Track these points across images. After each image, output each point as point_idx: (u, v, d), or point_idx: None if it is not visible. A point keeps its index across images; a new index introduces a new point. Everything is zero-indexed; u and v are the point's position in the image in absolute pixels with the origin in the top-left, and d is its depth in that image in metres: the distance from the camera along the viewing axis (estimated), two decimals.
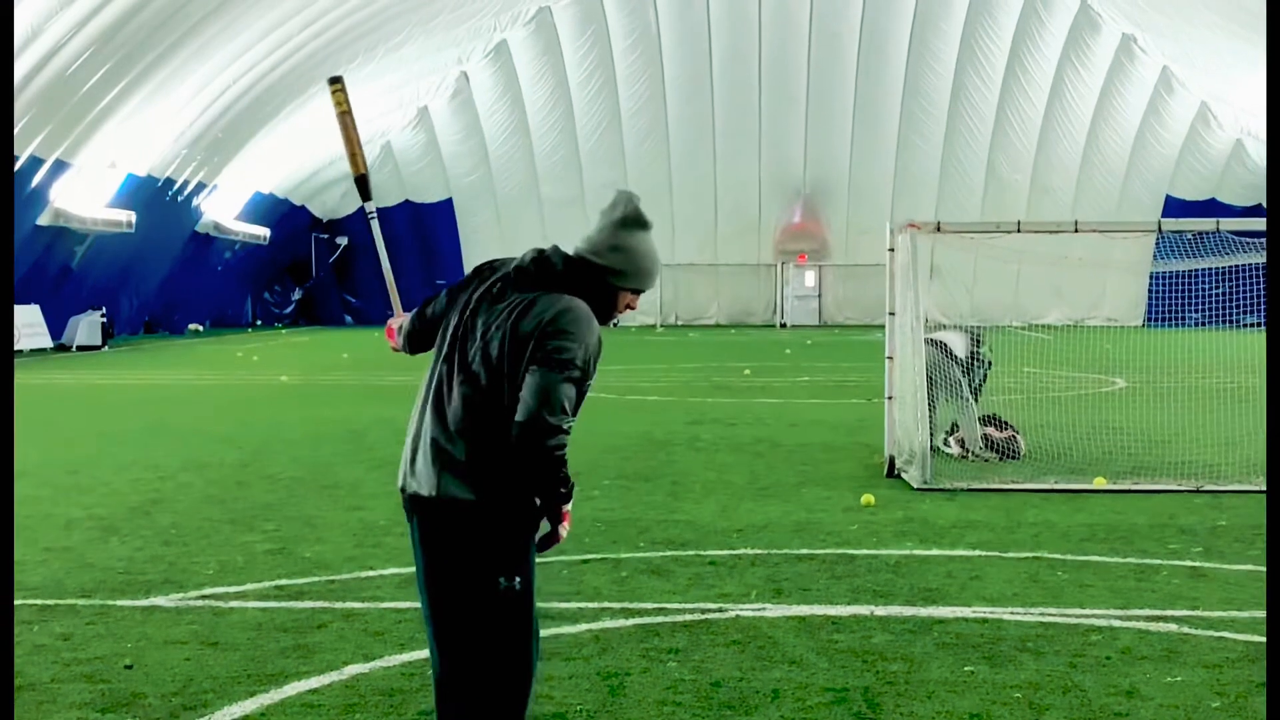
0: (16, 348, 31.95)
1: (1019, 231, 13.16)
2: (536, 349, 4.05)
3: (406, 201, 53.06)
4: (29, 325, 34.11)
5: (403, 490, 4.27)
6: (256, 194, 48.09)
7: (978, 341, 14.37)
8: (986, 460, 13.45)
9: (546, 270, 4.22)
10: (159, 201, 40.38)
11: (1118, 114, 49.84)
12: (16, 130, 29.62)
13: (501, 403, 4.10)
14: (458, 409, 4.15)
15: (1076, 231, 13.09)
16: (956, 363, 13.83)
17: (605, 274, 4.23)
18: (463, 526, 4.14)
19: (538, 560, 4.29)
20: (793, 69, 50.00)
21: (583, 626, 6.98)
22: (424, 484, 4.17)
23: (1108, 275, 46.49)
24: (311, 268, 55.46)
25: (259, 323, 53.64)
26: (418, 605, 4.51)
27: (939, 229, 12.99)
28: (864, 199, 51.44)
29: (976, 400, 13.94)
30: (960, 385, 13.67)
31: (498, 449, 4.09)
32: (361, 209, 4.54)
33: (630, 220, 4.25)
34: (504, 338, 4.10)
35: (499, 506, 4.12)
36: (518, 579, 4.14)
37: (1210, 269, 22.98)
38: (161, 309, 46.52)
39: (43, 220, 34.72)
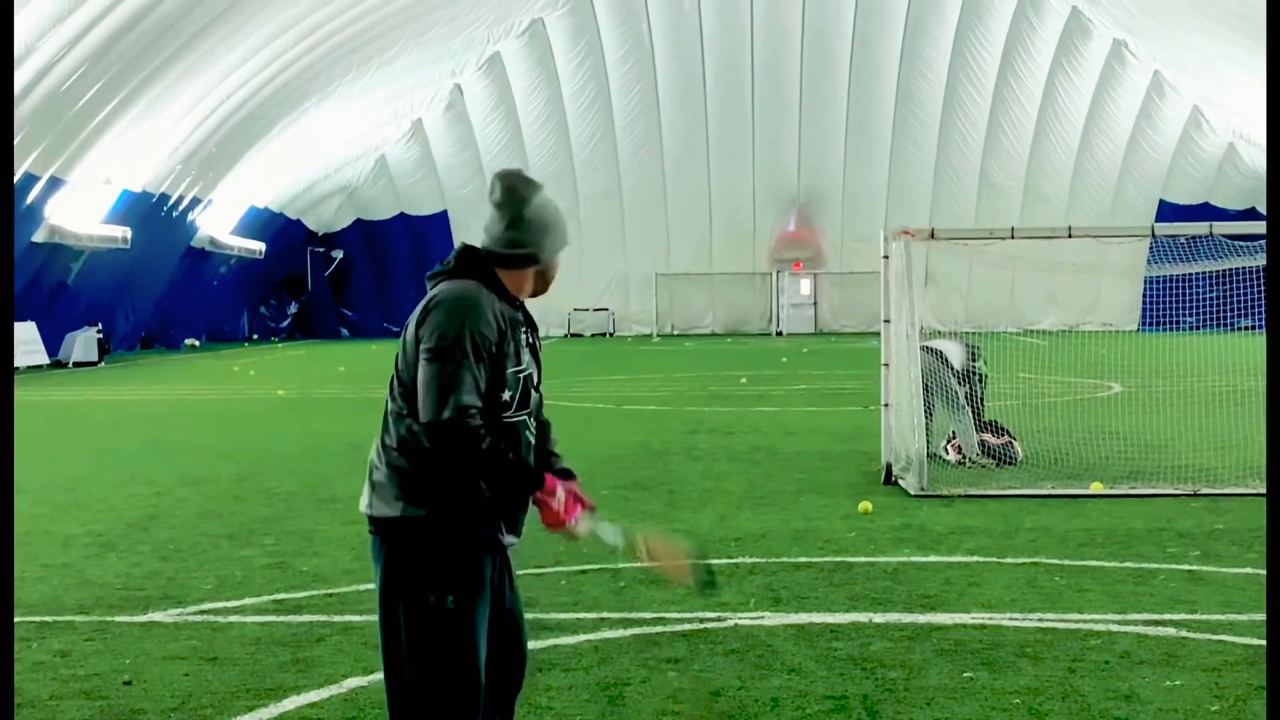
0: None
1: (1013, 237, 13.20)
2: (417, 345, 3.96)
3: (401, 214, 53.09)
4: (25, 342, 34.07)
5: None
6: (251, 208, 48.09)
7: (974, 355, 14.39)
8: (984, 467, 13.46)
9: (444, 269, 4.13)
10: (154, 217, 40.36)
11: (1110, 119, 49.94)
12: None
13: (414, 413, 3.99)
14: (383, 425, 4.08)
15: (1070, 237, 13.11)
16: (953, 372, 13.84)
17: (494, 261, 4.12)
18: (391, 543, 4.02)
19: (540, 572, 4.25)
20: (786, 77, 50.08)
21: (582, 637, 6.98)
22: (363, 501, 4.10)
23: (1102, 280, 46.53)
24: (307, 281, 55.44)
25: (255, 337, 53.60)
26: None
27: (933, 235, 13.02)
28: (858, 206, 51.50)
29: (977, 414, 13.94)
30: (956, 394, 13.68)
31: (418, 462, 3.98)
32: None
33: (504, 203, 4.13)
34: (404, 345, 4.03)
35: (424, 521, 3.97)
36: (450, 597, 3.95)
37: (1204, 273, 23.04)
38: (158, 324, 46.49)
39: (38, 237, 34.70)
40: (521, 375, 4.06)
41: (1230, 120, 47.42)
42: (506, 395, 4.01)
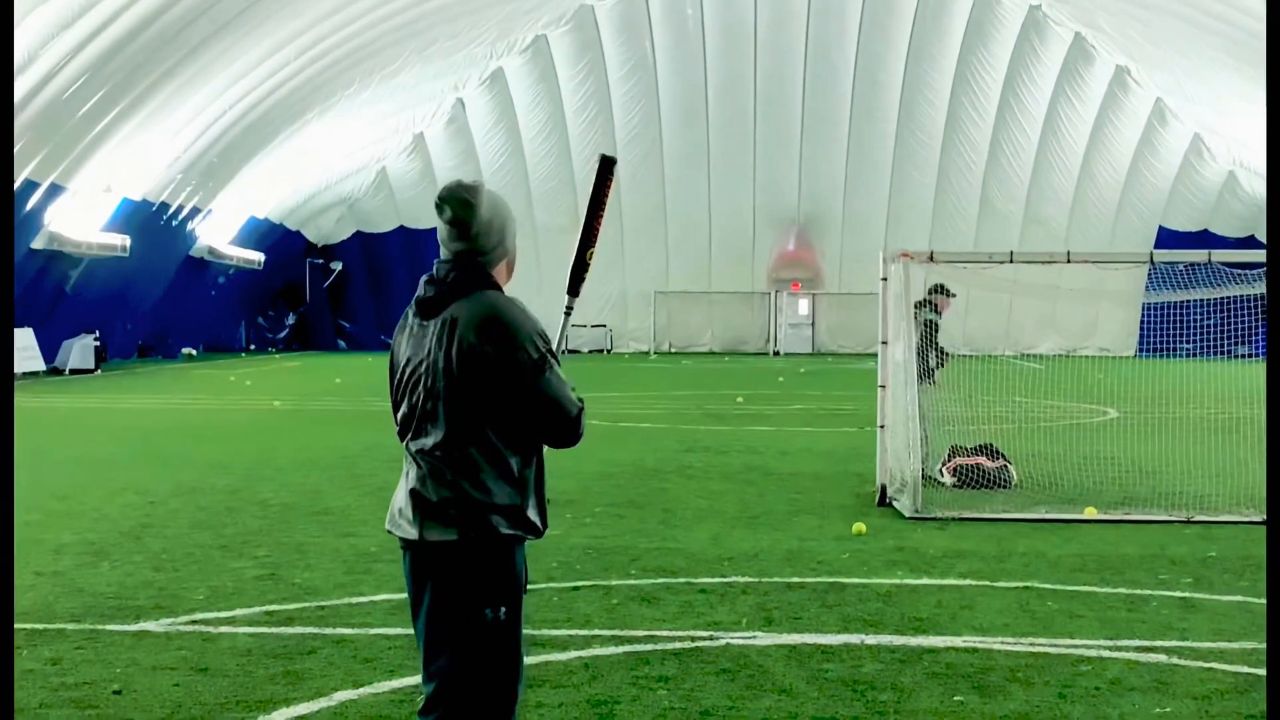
0: None
1: (1012, 261, 13.23)
2: (500, 365, 4.04)
3: (401, 227, 53.12)
4: (22, 348, 34.05)
5: (389, 533, 4.28)
6: (251, 219, 48.13)
7: (937, 289, 14.27)
8: (945, 485, 13.37)
9: (445, 284, 4.16)
10: (154, 226, 40.38)
11: (1111, 145, 50.03)
12: None
13: (463, 435, 4.08)
14: (428, 453, 4.13)
15: (1069, 262, 13.14)
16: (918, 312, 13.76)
17: (485, 257, 4.20)
18: (448, 566, 4.12)
19: (532, 588, 4.30)
20: (788, 98, 50.17)
21: (573, 654, 6.97)
22: (408, 529, 4.16)
23: (1100, 305, 46.60)
24: (305, 293, 55.46)
25: (252, 347, 53.60)
26: (408, 631, 4.55)
27: (932, 258, 13.05)
28: (858, 228, 51.55)
29: (932, 379, 13.75)
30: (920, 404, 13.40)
31: (472, 485, 4.08)
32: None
33: (460, 218, 4.16)
34: (445, 366, 4.07)
35: (480, 544, 4.10)
36: (503, 609, 4.12)
37: (1202, 300, 23.07)
38: (155, 333, 46.47)
39: (37, 244, 34.72)
40: None
41: (1231, 148, 47.52)
42: None
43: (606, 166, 4.79)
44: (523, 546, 4.24)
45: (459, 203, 4.16)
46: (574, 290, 4.59)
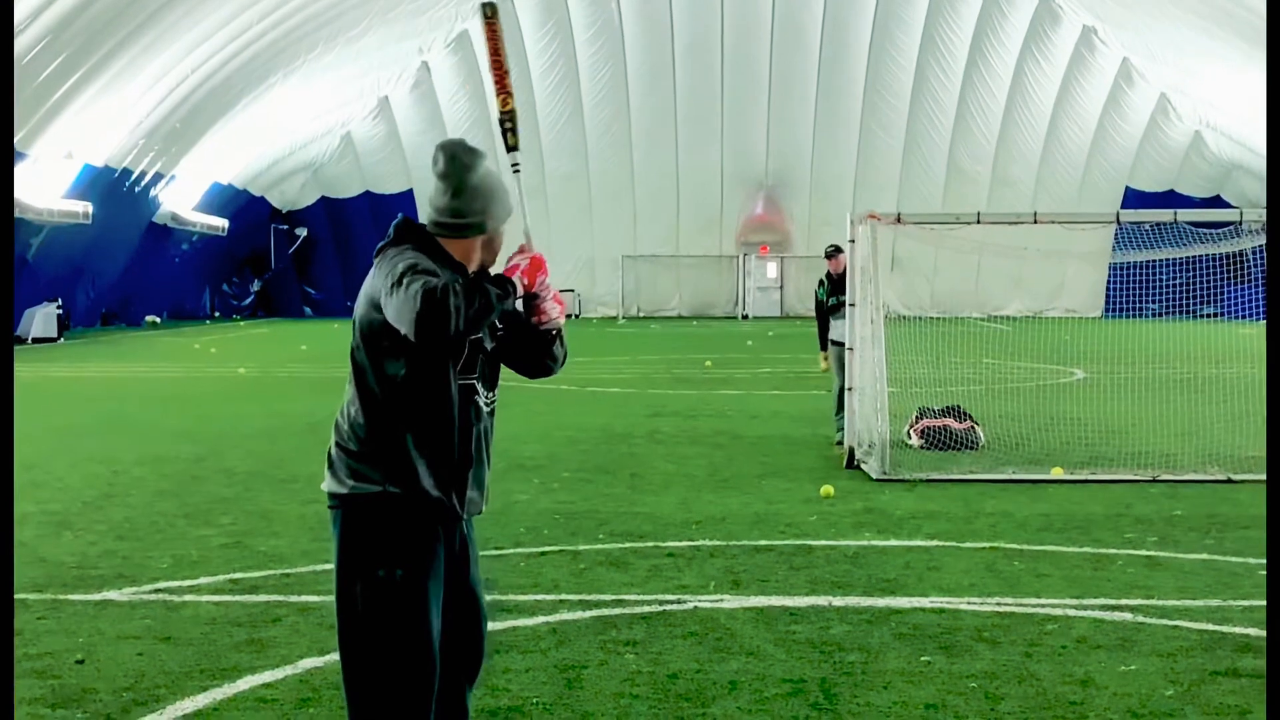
0: None
1: (979, 223, 13.22)
2: (368, 314, 3.98)
3: (367, 192, 52.78)
4: None
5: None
6: (215, 185, 47.70)
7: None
8: (913, 446, 13.41)
9: (385, 242, 4.11)
10: (116, 192, 39.97)
11: (1078, 106, 50.14)
12: None
13: (363, 389, 4.02)
14: (342, 406, 4.13)
15: (1036, 223, 13.15)
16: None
17: (440, 231, 4.09)
18: (345, 518, 4.06)
19: (499, 553, 4.23)
20: (755, 60, 50.02)
21: (540, 619, 6.95)
22: (324, 480, 4.14)
23: (1067, 266, 46.79)
24: (271, 259, 55.08)
25: (217, 315, 53.24)
26: None
27: (899, 220, 13.03)
28: (826, 190, 51.56)
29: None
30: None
31: (365, 439, 4.01)
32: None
33: (448, 173, 4.09)
34: (355, 323, 4.07)
35: (373, 497, 4.00)
36: (399, 570, 3.98)
37: (1168, 260, 23.20)
38: (119, 301, 46.08)
39: None
40: (468, 339, 4.01)
41: (1197, 108, 47.68)
42: (451, 357, 4.00)
43: (485, 12, 4.58)
44: (432, 513, 4.05)
45: (449, 158, 4.09)
46: (510, 145, 4.35)
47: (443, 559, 4.09)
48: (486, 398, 4.16)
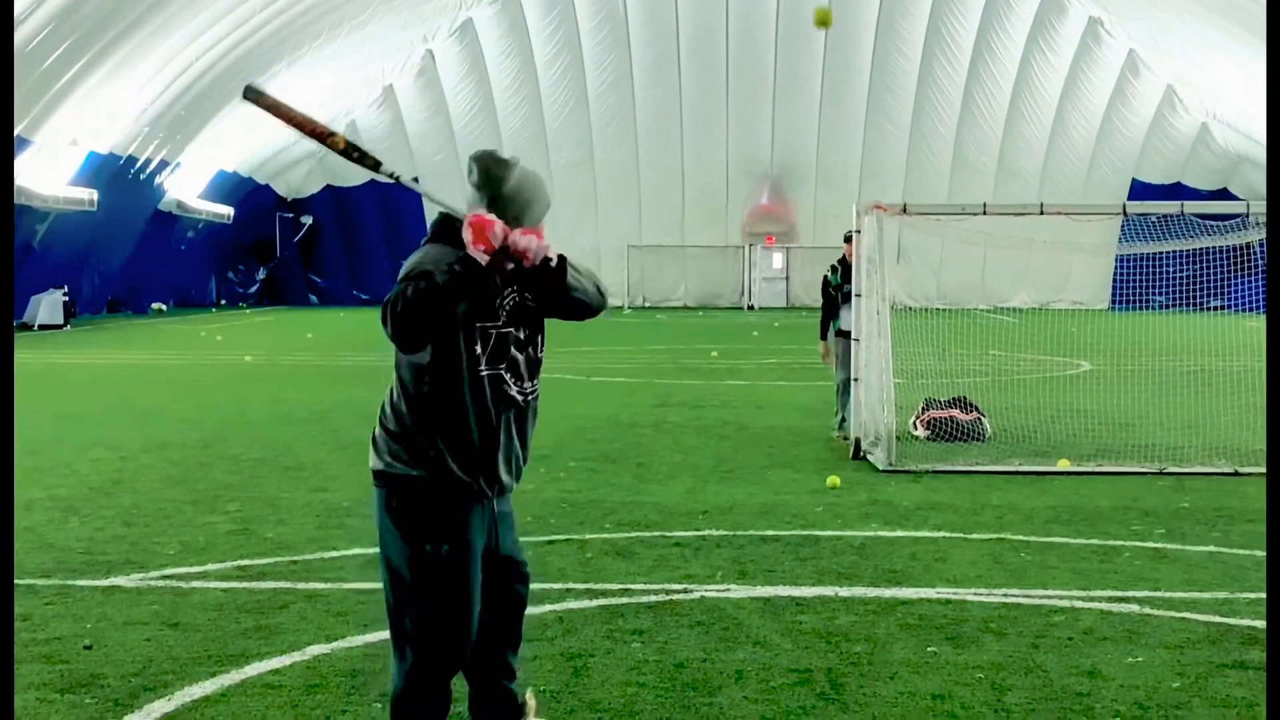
0: None
1: (985, 214, 13.18)
2: None
3: (372, 181, 52.64)
4: None
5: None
6: (220, 172, 47.68)
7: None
8: (919, 438, 13.36)
9: (426, 238, 4.41)
10: (121, 180, 39.96)
11: (1084, 97, 49.98)
12: None
13: (398, 375, 4.38)
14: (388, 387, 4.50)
15: (1042, 214, 13.12)
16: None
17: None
18: (384, 495, 4.39)
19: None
20: (760, 51, 49.88)
21: (547, 607, 6.95)
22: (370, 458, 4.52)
23: (1073, 258, 46.67)
24: (276, 247, 55.04)
25: (223, 302, 53.24)
26: (380, 586, 4.58)
27: (905, 211, 12.99)
28: (832, 181, 51.45)
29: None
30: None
31: (396, 421, 4.34)
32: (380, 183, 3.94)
33: (481, 185, 4.34)
34: None
35: (406, 479, 4.32)
36: (444, 545, 4.30)
37: (1175, 252, 23.15)
38: (124, 288, 46.10)
39: None
40: (494, 330, 4.29)
41: (1204, 100, 47.53)
42: (478, 348, 4.27)
43: (248, 97, 4.78)
44: (466, 494, 4.36)
45: (482, 171, 4.34)
46: (373, 166, 4.39)
47: (480, 535, 4.42)
48: (519, 387, 4.39)
